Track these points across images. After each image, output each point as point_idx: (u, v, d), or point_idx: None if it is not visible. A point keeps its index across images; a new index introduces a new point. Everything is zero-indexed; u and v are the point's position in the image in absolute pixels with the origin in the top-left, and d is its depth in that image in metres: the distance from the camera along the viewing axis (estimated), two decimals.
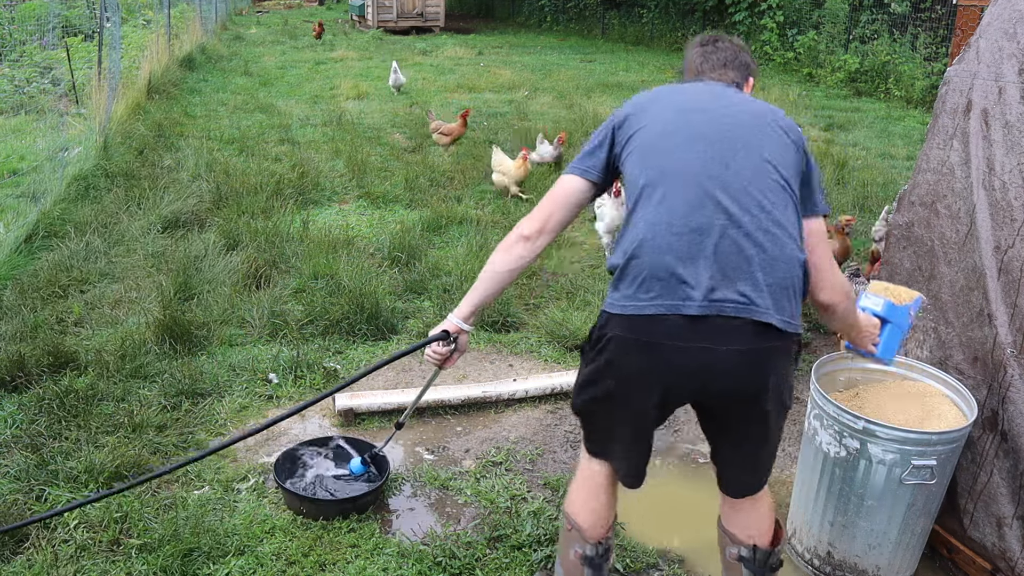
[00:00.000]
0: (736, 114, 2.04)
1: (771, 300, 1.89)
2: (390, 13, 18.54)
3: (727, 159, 1.95)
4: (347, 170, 7.12)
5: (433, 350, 2.28)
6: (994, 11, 2.62)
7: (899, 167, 7.72)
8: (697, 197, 1.92)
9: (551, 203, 2.14)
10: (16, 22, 9.88)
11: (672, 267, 1.89)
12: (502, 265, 2.13)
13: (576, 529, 2.23)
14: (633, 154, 2.04)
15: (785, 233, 1.93)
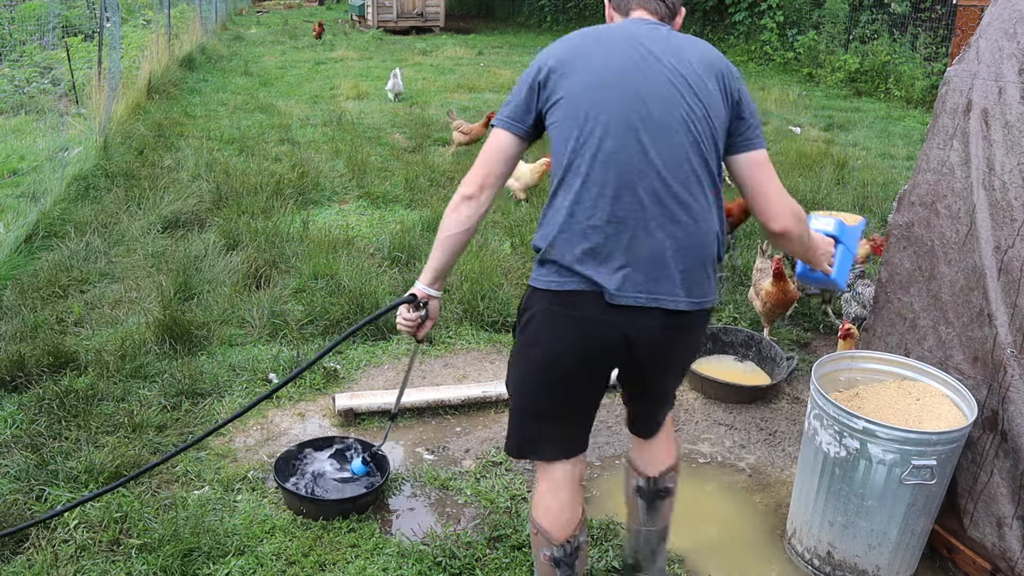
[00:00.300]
0: (661, 83, 1.98)
1: (683, 288, 2.00)
2: (390, 13, 18.54)
3: (648, 147, 1.96)
4: (347, 170, 7.12)
5: (404, 317, 2.29)
6: (994, 11, 2.62)
7: (899, 167, 7.73)
8: (615, 190, 1.96)
9: (488, 160, 2.12)
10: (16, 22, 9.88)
11: (588, 259, 1.97)
12: (453, 227, 2.13)
13: (541, 532, 2.22)
14: (558, 126, 2.03)
15: (701, 210, 2.00)
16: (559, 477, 2.20)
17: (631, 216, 1.96)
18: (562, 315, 2.01)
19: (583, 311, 1.99)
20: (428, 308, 2.29)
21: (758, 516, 3.06)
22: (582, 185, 1.97)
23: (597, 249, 1.96)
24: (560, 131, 2.02)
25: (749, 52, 14.88)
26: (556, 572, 2.23)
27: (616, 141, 1.96)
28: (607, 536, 2.85)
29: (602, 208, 1.96)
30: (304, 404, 3.63)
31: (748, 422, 3.65)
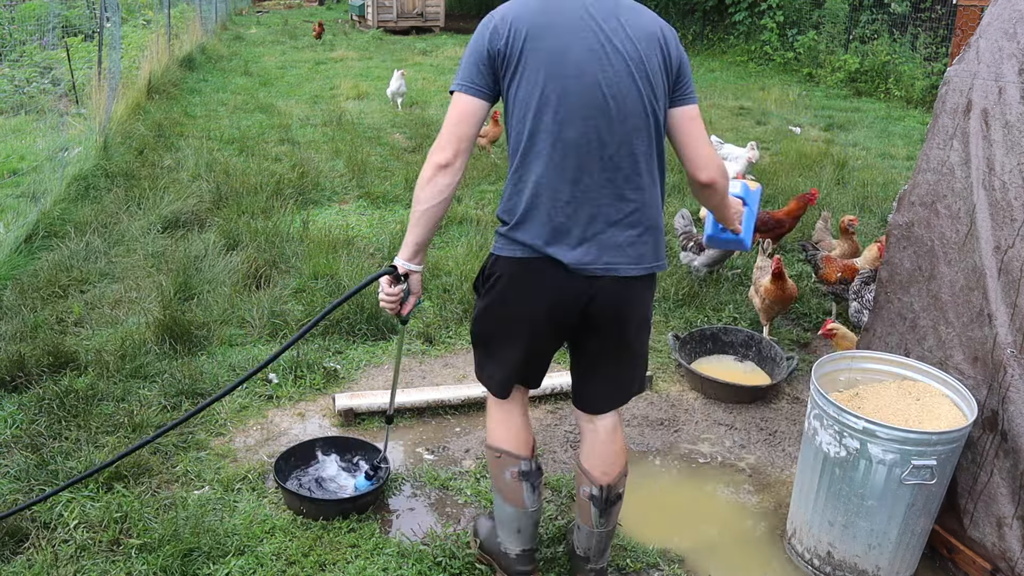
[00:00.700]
0: (618, 73, 2.09)
1: (633, 258, 2.19)
2: (390, 13, 18.54)
3: (603, 134, 2.11)
4: (347, 170, 7.12)
5: (386, 292, 2.30)
6: (994, 11, 2.62)
7: (899, 167, 7.73)
8: (574, 173, 2.12)
9: (457, 126, 2.14)
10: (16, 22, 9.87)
11: (551, 239, 2.14)
12: (431, 199, 2.15)
13: (505, 454, 2.42)
14: (518, 104, 2.13)
15: (648, 187, 2.19)
16: (510, 404, 2.43)
17: (587, 196, 2.13)
18: (529, 280, 2.19)
19: (548, 277, 2.17)
20: (410, 282, 2.32)
21: (758, 516, 3.06)
22: (544, 168, 2.12)
23: (559, 228, 2.14)
24: (520, 109, 2.13)
25: (749, 52, 14.88)
26: (523, 486, 2.41)
27: (576, 129, 2.09)
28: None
29: (563, 191, 2.12)
30: (304, 404, 3.63)
31: (748, 422, 3.65)
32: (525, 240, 2.15)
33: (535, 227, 2.14)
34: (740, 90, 11.88)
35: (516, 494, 2.43)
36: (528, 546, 2.52)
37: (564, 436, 3.48)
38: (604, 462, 2.44)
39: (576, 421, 2.63)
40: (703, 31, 16.53)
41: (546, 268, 2.16)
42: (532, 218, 2.14)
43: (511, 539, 2.52)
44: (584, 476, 2.47)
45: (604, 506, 2.45)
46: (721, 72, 13.84)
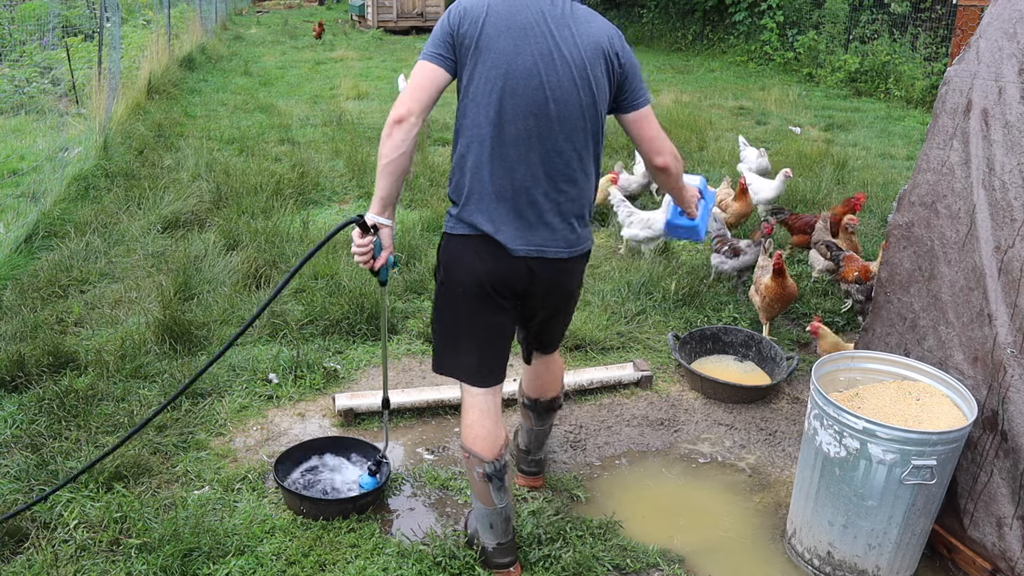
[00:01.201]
0: (563, 79, 2.31)
1: (564, 242, 2.43)
2: (390, 13, 18.54)
3: (544, 132, 2.33)
4: (347, 170, 7.12)
5: (356, 243, 2.40)
6: (994, 11, 2.62)
7: (899, 167, 7.73)
8: (515, 164, 2.34)
9: (420, 89, 2.32)
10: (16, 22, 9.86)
11: (493, 221, 2.36)
12: (391, 153, 2.30)
13: (472, 455, 2.55)
14: (471, 96, 2.33)
15: (581, 181, 2.43)
16: (483, 406, 2.56)
17: (525, 186, 2.36)
18: (474, 255, 2.41)
19: (491, 254, 2.39)
20: (380, 236, 2.43)
21: (758, 516, 3.06)
22: (489, 157, 2.34)
23: (499, 211, 2.36)
24: (472, 100, 2.34)
25: (749, 52, 14.88)
26: (488, 487, 2.55)
27: (518, 126, 2.32)
28: (606, 535, 2.85)
29: (504, 178, 2.35)
30: (304, 404, 3.63)
31: (748, 422, 3.65)
32: (471, 220, 2.38)
33: (480, 209, 2.37)
34: (740, 90, 11.88)
35: (484, 493, 2.57)
36: (502, 540, 2.63)
37: (564, 436, 3.48)
38: (542, 386, 2.93)
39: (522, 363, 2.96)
40: (703, 31, 16.53)
41: (489, 246, 2.38)
42: (476, 201, 2.37)
43: (486, 534, 2.64)
44: (521, 392, 3.00)
45: (544, 412, 2.98)
46: (721, 72, 13.83)
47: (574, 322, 4.29)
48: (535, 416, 2.98)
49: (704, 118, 9.44)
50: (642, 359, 4.03)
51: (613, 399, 3.79)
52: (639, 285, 4.71)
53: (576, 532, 2.84)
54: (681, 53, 16.21)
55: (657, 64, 14.63)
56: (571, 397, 3.76)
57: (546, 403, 2.96)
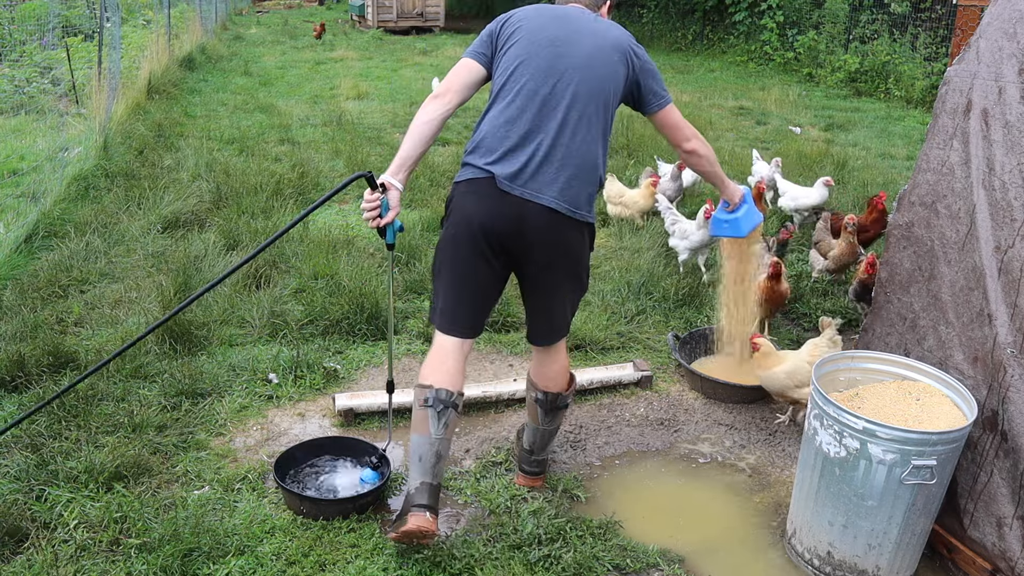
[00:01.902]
0: (579, 52, 2.62)
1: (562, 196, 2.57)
2: (390, 13, 18.53)
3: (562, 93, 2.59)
4: (347, 170, 7.12)
5: (366, 199, 2.57)
6: (994, 11, 2.62)
7: (899, 167, 7.72)
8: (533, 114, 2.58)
9: (458, 77, 2.69)
10: (16, 22, 9.85)
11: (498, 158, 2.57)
12: (423, 118, 2.62)
13: (420, 385, 2.66)
14: (502, 65, 2.66)
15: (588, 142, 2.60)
16: (448, 346, 2.69)
17: (539, 132, 2.56)
18: (470, 196, 2.59)
19: (486, 194, 2.56)
20: (388, 196, 2.58)
21: (758, 516, 3.06)
22: (511, 114, 2.58)
23: (504, 153, 2.56)
24: (502, 68, 2.65)
25: (749, 52, 14.88)
26: (427, 412, 2.63)
27: (545, 91, 2.59)
28: (606, 535, 2.85)
29: (521, 124, 2.57)
30: (304, 404, 3.64)
31: (748, 422, 3.65)
32: (474, 163, 2.60)
33: (486, 152, 2.59)
34: (740, 90, 11.88)
35: (422, 420, 2.63)
36: (427, 479, 2.64)
37: (564, 436, 3.48)
38: (551, 377, 2.94)
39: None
40: (703, 31, 16.52)
41: (482, 186, 2.57)
42: (486, 145, 2.60)
43: (414, 468, 2.66)
44: (532, 385, 2.98)
45: (551, 409, 2.96)
46: (721, 72, 13.83)
47: (574, 322, 4.29)
48: (543, 413, 2.97)
49: (704, 118, 9.44)
50: (642, 359, 4.03)
51: (613, 399, 3.79)
52: (639, 285, 4.71)
53: (576, 532, 2.84)
54: (681, 53, 16.21)
55: (657, 64, 14.51)
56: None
57: (555, 397, 2.96)
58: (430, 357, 2.72)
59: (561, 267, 2.71)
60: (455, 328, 2.70)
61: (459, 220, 2.61)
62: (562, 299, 2.81)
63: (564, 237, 2.64)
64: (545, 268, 2.69)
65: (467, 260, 2.63)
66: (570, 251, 2.69)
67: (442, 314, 2.70)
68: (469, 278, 2.67)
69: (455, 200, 2.65)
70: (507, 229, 2.58)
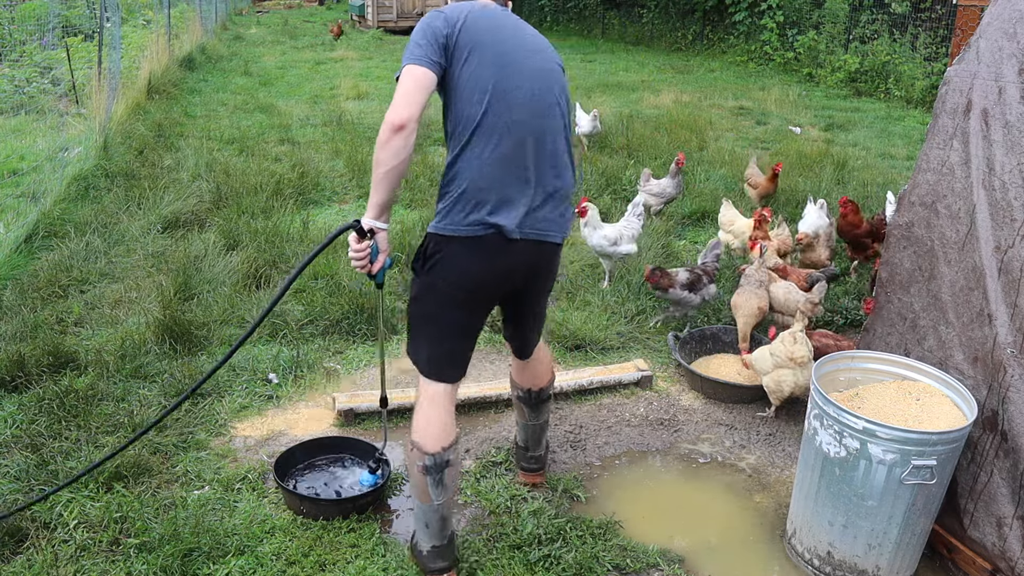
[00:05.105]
0: (540, 72, 2.47)
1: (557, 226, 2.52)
2: (390, 13, 18.54)
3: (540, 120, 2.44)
4: (347, 170, 7.12)
5: (354, 248, 2.40)
6: (994, 11, 2.62)
7: (899, 167, 7.72)
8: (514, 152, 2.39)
9: (416, 92, 2.29)
10: (16, 22, 9.86)
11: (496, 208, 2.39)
12: (389, 161, 2.26)
13: (416, 448, 2.51)
14: (465, 90, 2.36)
15: (566, 168, 2.54)
16: (440, 395, 2.54)
17: (533, 169, 2.42)
18: (473, 254, 2.39)
19: (491, 248, 2.39)
20: (376, 240, 2.41)
21: (758, 516, 3.06)
22: (495, 146, 2.35)
23: (509, 194, 2.39)
24: (468, 93, 2.36)
25: (749, 52, 14.88)
26: (426, 480, 2.50)
27: (512, 116, 2.37)
28: (606, 535, 2.85)
29: (516, 164, 2.39)
30: (304, 404, 3.63)
31: (748, 422, 3.65)
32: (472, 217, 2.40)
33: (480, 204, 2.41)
34: (740, 90, 11.88)
35: (422, 487, 2.52)
36: (437, 543, 2.58)
37: (564, 436, 3.48)
38: (532, 374, 2.93)
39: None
40: (703, 31, 16.52)
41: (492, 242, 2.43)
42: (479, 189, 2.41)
43: (421, 534, 2.60)
44: (514, 384, 2.99)
45: (535, 404, 2.97)
46: (721, 72, 13.83)
47: (574, 322, 4.30)
48: (528, 409, 2.98)
49: (704, 118, 9.44)
50: (642, 359, 4.03)
51: (613, 399, 3.79)
52: (639, 285, 4.71)
53: (576, 532, 2.84)
54: (681, 53, 16.21)
55: (657, 64, 14.63)
56: (571, 397, 3.76)
57: (538, 392, 2.96)
58: (422, 408, 2.55)
59: (547, 287, 2.76)
60: (447, 375, 2.55)
61: (457, 280, 2.42)
62: (543, 311, 2.86)
63: (554, 264, 2.68)
64: (536, 293, 2.71)
65: (466, 316, 2.52)
66: (554, 271, 2.73)
67: (434, 362, 2.54)
68: (466, 330, 2.56)
69: (446, 255, 2.40)
70: (519, 277, 2.54)
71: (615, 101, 10.63)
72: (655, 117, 9.34)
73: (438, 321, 2.51)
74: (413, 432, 2.54)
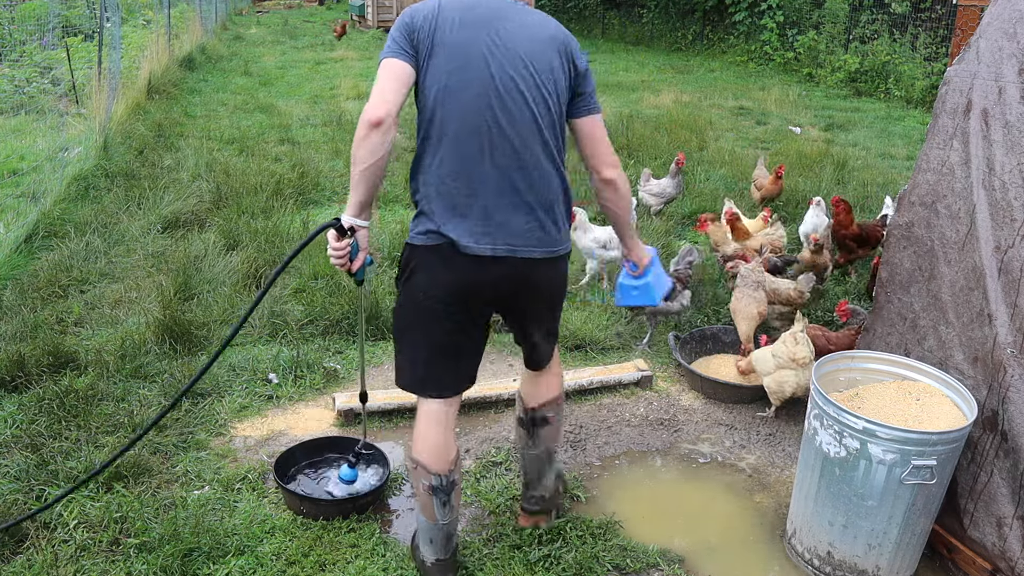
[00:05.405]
0: (512, 65, 2.24)
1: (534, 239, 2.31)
2: (390, 13, 18.53)
3: (501, 126, 2.24)
4: (347, 170, 7.05)
5: (333, 247, 2.33)
6: (994, 11, 2.62)
7: (899, 167, 7.72)
8: (471, 161, 2.24)
9: (390, 85, 2.22)
10: (16, 22, 9.86)
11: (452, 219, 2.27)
12: (367, 158, 2.21)
13: (420, 466, 2.46)
14: (424, 92, 2.27)
15: (543, 176, 2.30)
16: (434, 412, 2.47)
17: (485, 182, 2.25)
18: (436, 263, 2.29)
19: (451, 259, 2.27)
20: (356, 237, 2.36)
21: (758, 516, 3.06)
22: (448, 154, 2.25)
23: (459, 203, 2.25)
24: (426, 98, 2.27)
25: (749, 52, 14.88)
26: (433, 500, 2.47)
27: (475, 120, 2.23)
28: (606, 535, 2.85)
29: (465, 170, 2.24)
30: (304, 404, 3.63)
31: (748, 422, 3.65)
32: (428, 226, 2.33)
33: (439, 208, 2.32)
34: (740, 90, 11.88)
35: (428, 507, 2.50)
36: (442, 556, 2.57)
37: (564, 436, 3.48)
38: (536, 388, 2.73)
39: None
40: (703, 31, 16.52)
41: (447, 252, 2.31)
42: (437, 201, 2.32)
43: (425, 548, 2.59)
44: (519, 400, 2.78)
45: (530, 427, 2.73)
46: (721, 72, 13.83)
47: (574, 322, 4.30)
48: (525, 433, 2.76)
49: (704, 118, 9.44)
50: (642, 359, 4.03)
51: (613, 399, 3.79)
52: None
53: (576, 532, 2.84)
54: (681, 53, 16.21)
55: (657, 64, 14.62)
56: (571, 397, 3.76)
57: (532, 411, 2.72)
58: (418, 425, 2.50)
59: (543, 307, 2.54)
60: (439, 392, 2.47)
61: (428, 289, 2.33)
62: (548, 327, 2.62)
63: (545, 281, 2.42)
64: (536, 312, 2.53)
65: (445, 330, 2.38)
66: (553, 290, 2.50)
67: (422, 381, 2.47)
68: (447, 347, 2.42)
69: (416, 265, 2.34)
70: (498, 293, 2.36)
71: (615, 101, 10.63)
72: (655, 117, 9.34)
73: (415, 333, 2.41)
74: (412, 450, 2.51)
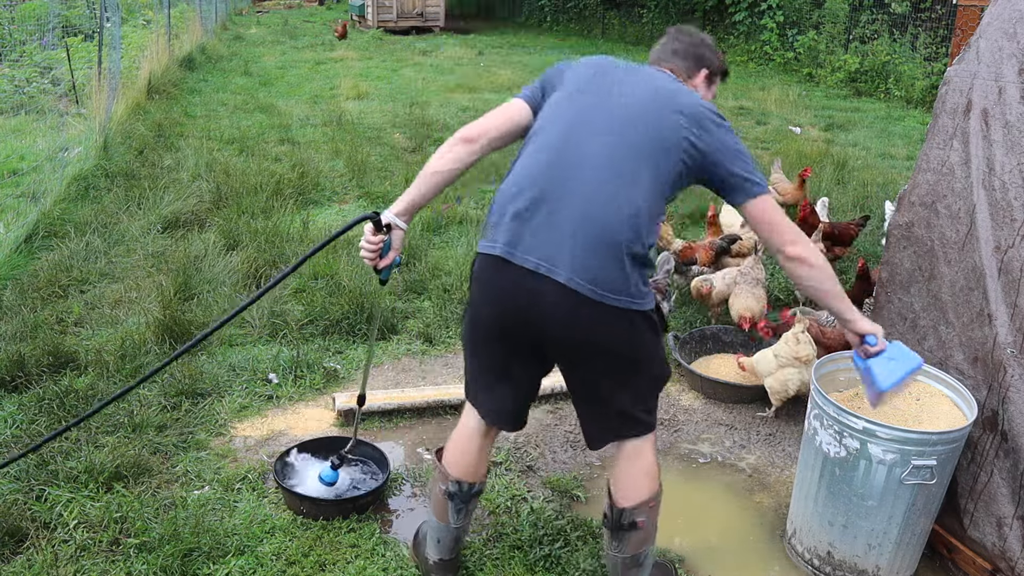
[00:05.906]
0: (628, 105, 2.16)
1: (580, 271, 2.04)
2: (390, 13, 18.53)
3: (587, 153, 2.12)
4: (347, 170, 7.12)
5: (367, 239, 2.28)
6: (994, 11, 2.62)
7: (899, 167, 7.72)
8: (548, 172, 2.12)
9: (498, 117, 2.28)
10: (16, 22, 9.87)
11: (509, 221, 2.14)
12: (443, 166, 2.22)
13: (439, 468, 2.49)
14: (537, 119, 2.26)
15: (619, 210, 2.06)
16: (474, 427, 2.44)
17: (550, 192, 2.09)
18: (482, 278, 2.20)
19: (491, 272, 2.15)
20: (391, 236, 2.30)
21: (758, 516, 3.06)
22: (524, 164, 2.18)
23: (516, 212, 2.11)
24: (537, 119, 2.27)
25: (749, 52, 14.87)
26: (448, 504, 2.47)
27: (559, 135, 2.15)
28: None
29: (533, 182, 2.12)
30: (304, 404, 3.63)
31: (748, 422, 3.65)
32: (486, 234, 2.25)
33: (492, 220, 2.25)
34: (740, 90, 11.87)
35: (441, 508, 2.51)
36: (446, 556, 2.58)
37: (564, 436, 3.48)
38: (623, 482, 2.40)
39: None
40: (703, 31, 16.51)
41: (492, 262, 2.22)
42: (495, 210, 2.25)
43: (432, 546, 2.59)
44: (607, 492, 2.46)
45: (615, 527, 2.39)
46: None
47: None
48: (608, 532, 2.44)
49: None
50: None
51: None
52: None
53: (576, 532, 2.84)
54: None
55: None
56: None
57: (619, 512, 2.37)
58: (456, 434, 2.50)
59: (597, 368, 2.20)
60: (476, 406, 2.43)
61: (472, 300, 2.31)
62: (611, 399, 2.27)
63: (593, 331, 2.11)
64: (573, 367, 2.26)
65: (486, 347, 2.33)
66: (611, 348, 2.15)
67: (467, 388, 2.47)
68: (489, 370, 2.36)
69: (473, 278, 2.27)
70: (525, 317, 2.13)
71: None
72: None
73: (471, 351, 2.42)
74: (445, 454, 2.52)
